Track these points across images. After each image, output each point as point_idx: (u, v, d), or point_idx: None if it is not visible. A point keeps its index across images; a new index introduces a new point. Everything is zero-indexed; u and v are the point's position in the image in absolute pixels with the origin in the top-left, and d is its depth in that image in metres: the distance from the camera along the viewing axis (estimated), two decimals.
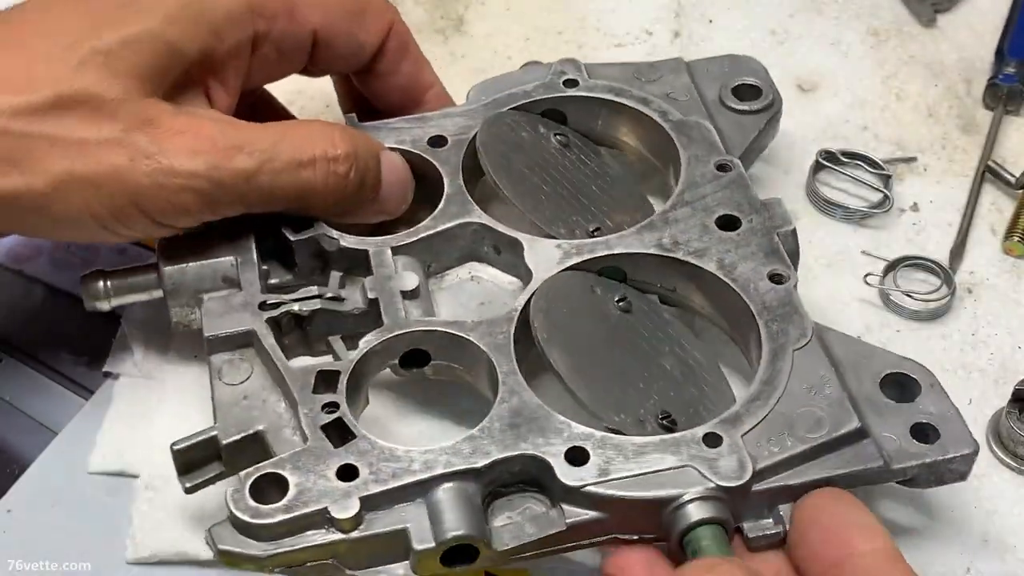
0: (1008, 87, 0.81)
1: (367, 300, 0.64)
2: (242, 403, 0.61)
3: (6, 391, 0.71)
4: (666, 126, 0.71)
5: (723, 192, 0.67)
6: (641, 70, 0.75)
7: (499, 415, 0.58)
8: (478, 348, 0.61)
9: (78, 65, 0.60)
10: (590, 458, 0.56)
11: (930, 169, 0.79)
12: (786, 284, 0.63)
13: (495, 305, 0.67)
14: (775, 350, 0.61)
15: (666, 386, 0.62)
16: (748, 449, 0.56)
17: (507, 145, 0.70)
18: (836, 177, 0.78)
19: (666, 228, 0.66)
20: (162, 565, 0.63)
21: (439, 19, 0.86)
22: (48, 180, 0.60)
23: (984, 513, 0.64)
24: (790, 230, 0.66)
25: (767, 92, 0.74)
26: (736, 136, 0.72)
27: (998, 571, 0.62)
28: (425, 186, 0.70)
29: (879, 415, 0.59)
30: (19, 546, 0.64)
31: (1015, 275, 0.73)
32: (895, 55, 0.85)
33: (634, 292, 0.66)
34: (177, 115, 0.62)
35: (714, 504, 0.55)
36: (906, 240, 0.75)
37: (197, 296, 0.65)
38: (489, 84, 0.74)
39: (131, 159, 0.60)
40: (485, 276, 0.68)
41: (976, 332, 0.71)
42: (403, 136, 0.71)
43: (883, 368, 0.61)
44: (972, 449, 0.58)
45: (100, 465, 0.67)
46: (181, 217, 0.63)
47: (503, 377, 0.59)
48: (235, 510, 0.55)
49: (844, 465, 0.57)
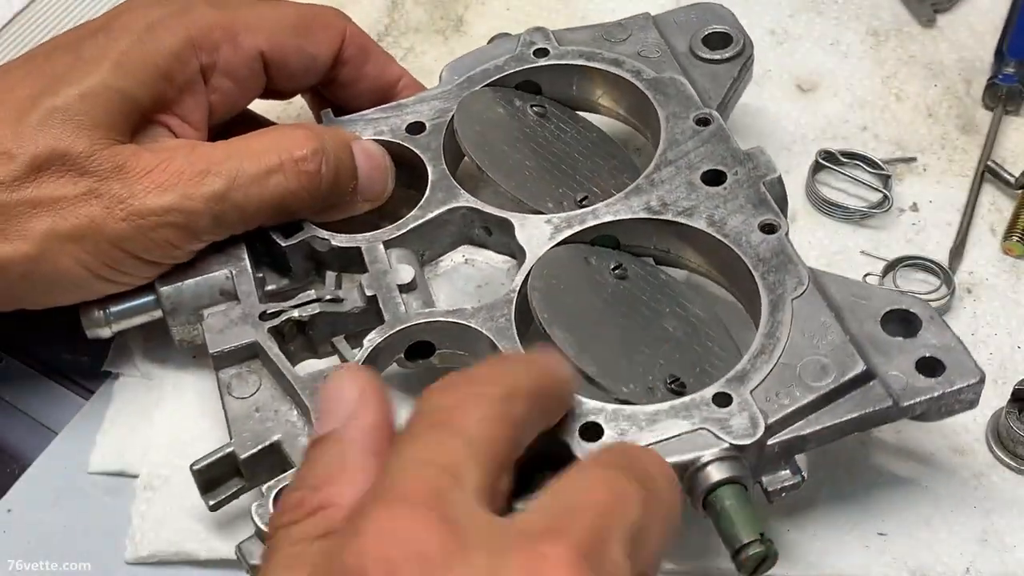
0: (1008, 87, 0.80)
1: (365, 298, 0.64)
2: (255, 416, 0.61)
3: (6, 391, 0.72)
4: (641, 86, 0.71)
5: (705, 147, 0.67)
6: (610, 30, 0.75)
7: None
8: (481, 334, 0.61)
9: (40, 126, 0.62)
10: (604, 432, 0.57)
11: (930, 169, 0.78)
12: (778, 233, 0.63)
13: (493, 286, 0.67)
14: (774, 301, 0.61)
15: (671, 348, 0.62)
16: (758, 405, 0.57)
17: (484, 124, 0.70)
18: (836, 177, 0.77)
19: (652, 190, 0.66)
20: (162, 565, 0.64)
21: (439, 19, 0.86)
22: (33, 242, 0.61)
23: (984, 513, 0.64)
24: (776, 177, 0.66)
25: (737, 38, 0.74)
26: (711, 87, 0.72)
27: (998, 571, 0.62)
28: (410, 173, 0.70)
29: (883, 354, 0.59)
30: (19, 546, 0.65)
31: (1015, 275, 0.73)
32: (895, 55, 0.85)
33: (629, 257, 0.66)
34: (143, 155, 0.63)
35: (731, 464, 0.56)
36: (906, 240, 0.75)
37: (197, 312, 0.66)
38: (460, 62, 0.74)
39: (106, 207, 0.62)
40: (479, 258, 0.69)
41: (976, 332, 0.71)
42: (381, 126, 0.71)
43: (883, 306, 0.61)
44: (978, 377, 0.59)
45: (100, 465, 0.67)
46: (168, 252, 0.64)
47: None
48: (261, 524, 0.56)
49: (854, 409, 0.58)
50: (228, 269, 0.66)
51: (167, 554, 0.64)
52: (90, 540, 0.65)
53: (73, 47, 0.65)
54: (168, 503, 0.64)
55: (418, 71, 0.76)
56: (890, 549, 0.63)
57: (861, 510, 0.64)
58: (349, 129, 0.70)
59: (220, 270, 0.66)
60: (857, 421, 0.58)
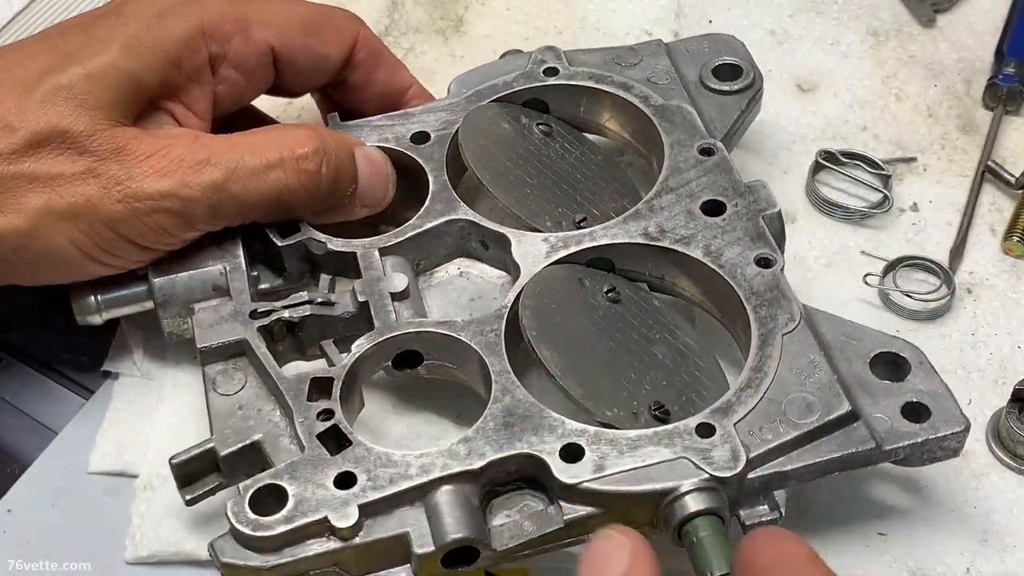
0: (1008, 87, 0.80)
1: (357, 303, 0.64)
2: (238, 413, 0.61)
3: (6, 391, 0.72)
4: (648, 111, 0.71)
5: (707, 177, 0.68)
6: (621, 55, 0.75)
7: (493, 414, 0.59)
8: (470, 347, 0.61)
9: (43, 102, 0.62)
10: (585, 454, 0.57)
11: (930, 169, 0.79)
12: (773, 268, 0.63)
13: (485, 300, 0.67)
14: (764, 335, 0.61)
15: (658, 375, 0.62)
16: (741, 438, 0.57)
17: (489, 139, 0.70)
18: (836, 177, 0.77)
19: (651, 216, 0.66)
20: (162, 565, 0.64)
21: (439, 19, 0.86)
22: (28, 217, 0.61)
23: (984, 513, 0.64)
24: (775, 212, 0.66)
25: (747, 71, 0.74)
26: (718, 118, 0.72)
27: (998, 571, 0.62)
28: (411, 182, 0.70)
29: (870, 396, 0.59)
30: (19, 546, 0.65)
31: (1015, 275, 0.73)
32: (895, 55, 0.85)
33: (623, 281, 0.66)
34: (144, 139, 0.63)
35: (709, 495, 0.56)
36: (906, 240, 0.75)
37: (188, 306, 0.65)
38: (470, 76, 0.74)
39: (103, 188, 0.61)
40: (474, 271, 0.68)
41: (976, 332, 0.71)
42: (385, 134, 0.71)
43: (872, 348, 0.61)
44: (963, 427, 0.58)
45: (100, 465, 0.67)
46: (162, 238, 0.64)
47: (495, 376, 0.60)
48: (236, 523, 0.56)
49: (836, 449, 0.58)
50: (223, 265, 0.66)
51: (167, 554, 0.63)
52: (90, 540, 0.65)
53: (87, 27, 0.65)
54: (168, 503, 0.64)
55: (418, 71, 0.76)
56: (890, 549, 0.63)
57: (861, 510, 0.64)
58: (354, 134, 0.70)
59: (215, 265, 0.66)
60: (839, 461, 0.58)
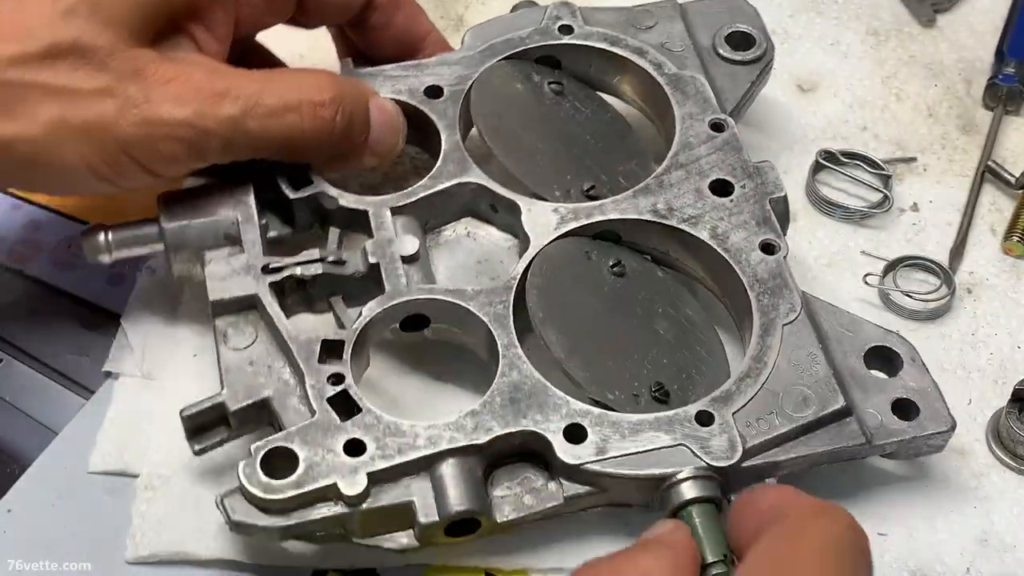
0: (1008, 87, 0.81)
1: (368, 264, 0.65)
2: (248, 369, 0.62)
3: (6, 391, 0.71)
4: (661, 80, 0.72)
5: (717, 155, 0.69)
6: (636, 16, 0.75)
7: (500, 390, 0.60)
8: (478, 317, 0.63)
9: (66, 14, 0.61)
10: (588, 436, 0.59)
11: (930, 169, 0.79)
12: (777, 255, 0.65)
13: (492, 263, 0.68)
14: (765, 325, 0.63)
15: (660, 353, 0.64)
16: (738, 427, 0.59)
17: (500, 103, 0.71)
18: (836, 177, 0.78)
19: (661, 192, 0.67)
20: (162, 565, 0.63)
21: (439, 19, 0.84)
22: (41, 127, 0.61)
23: (984, 513, 0.65)
24: (782, 196, 0.67)
25: (760, 40, 0.74)
26: (730, 88, 0.73)
27: (998, 571, 0.63)
28: (423, 135, 0.71)
29: (863, 390, 0.62)
30: (19, 546, 0.64)
31: (1015, 275, 0.74)
32: (895, 55, 0.85)
33: (628, 253, 0.67)
34: (164, 63, 0.62)
35: (706, 483, 0.58)
36: (906, 240, 0.75)
37: (199, 253, 0.66)
38: (484, 29, 0.74)
39: (119, 108, 0.61)
40: (482, 232, 0.69)
41: (976, 332, 0.72)
42: (399, 85, 0.71)
43: (868, 341, 0.63)
44: (949, 426, 0.61)
45: (100, 465, 0.67)
46: (171, 165, 0.64)
47: (503, 350, 0.61)
48: (248, 485, 0.57)
49: (828, 443, 0.60)
50: (235, 214, 0.66)
51: (167, 554, 0.63)
52: (90, 540, 0.64)
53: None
54: (168, 503, 0.64)
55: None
56: (890, 549, 0.63)
57: (861, 510, 0.62)
58: (368, 83, 0.70)
59: (227, 214, 0.66)
60: (830, 454, 0.60)
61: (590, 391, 0.61)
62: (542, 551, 0.62)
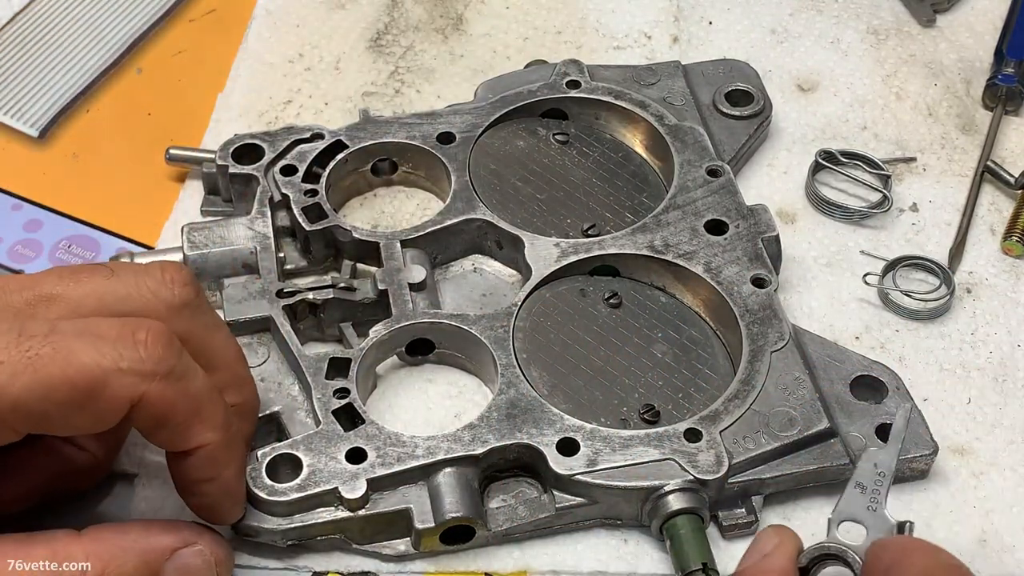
0: (1007, 87, 0.81)
1: (377, 291, 0.68)
2: (259, 385, 0.65)
3: None
4: (662, 130, 0.75)
5: (713, 197, 0.72)
6: (640, 73, 0.79)
7: (497, 405, 0.63)
8: (481, 340, 0.66)
9: None
10: (580, 449, 0.61)
11: (929, 169, 0.80)
12: (767, 288, 0.68)
13: (496, 296, 0.71)
14: (754, 351, 0.65)
15: (655, 376, 0.66)
16: (725, 445, 0.61)
17: (499, 162, 0.75)
18: (835, 177, 0.78)
19: (658, 230, 0.71)
20: None
21: (439, 18, 0.87)
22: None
23: (983, 513, 0.64)
24: (774, 236, 0.70)
25: (758, 98, 0.78)
26: (728, 140, 0.76)
27: (997, 571, 0.62)
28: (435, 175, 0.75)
29: (847, 415, 0.64)
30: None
31: (1014, 275, 0.74)
32: (895, 55, 0.86)
33: (626, 283, 0.70)
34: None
35: (692, 496, 0.60)
36: (905, 240, 0.76)
37: (218, 280, 0.70)
38: (496, 82, 0.79)
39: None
40: (487, 268, 0.73)
41: (975, 332, 0.72)
42: (413, 132, 0.75)
43: (854, 371, 0.66)
44: (931, 450, 0.63)
45: None
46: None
47: (502, 370, 0.64)
48: (253, 487, 0.60)
49: (812, 462, 0.62)
50: (253, 244, 0.70)
51: None
52: None
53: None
54: (167, 503, 0.64)
55: (417, 69, 0.78)
56: None
57: None
58: (385, 131, 0.75)
59: (246, 244, 0.70)
60: (814, 473, 0.62)
61: (577, 419, 0.63)
62: (540, 553, 0.63)
